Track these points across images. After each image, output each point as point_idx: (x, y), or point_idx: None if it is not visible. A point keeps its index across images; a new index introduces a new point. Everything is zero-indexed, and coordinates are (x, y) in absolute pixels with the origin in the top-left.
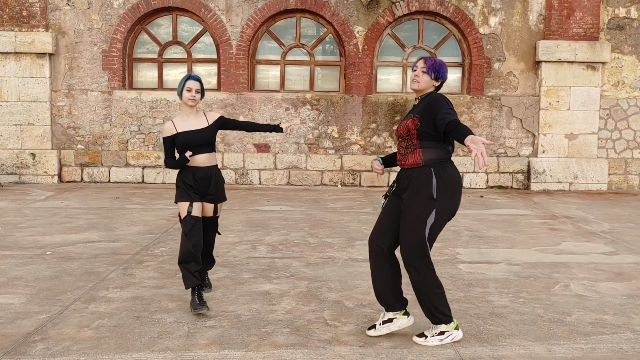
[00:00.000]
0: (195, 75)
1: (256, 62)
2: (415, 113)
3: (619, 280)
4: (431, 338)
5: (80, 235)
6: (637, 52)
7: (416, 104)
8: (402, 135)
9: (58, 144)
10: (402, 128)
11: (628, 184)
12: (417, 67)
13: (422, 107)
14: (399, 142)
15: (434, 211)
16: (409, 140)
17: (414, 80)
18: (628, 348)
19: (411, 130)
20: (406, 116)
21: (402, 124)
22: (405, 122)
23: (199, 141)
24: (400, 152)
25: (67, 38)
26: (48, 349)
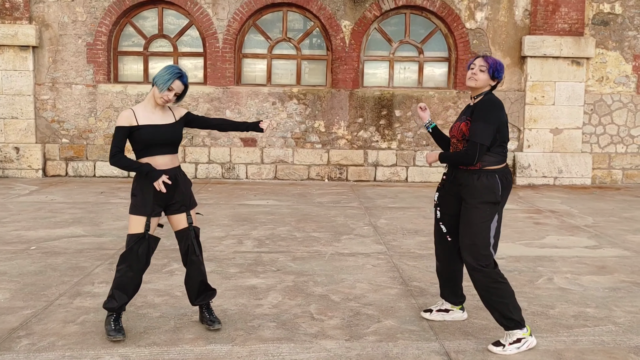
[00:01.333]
0: (186, 77)
1: (243, 55)
2: (469, 116)
3: (601, 274)
4: (509, 347)
5: (65, 230)
6: (621, 48)
7: (471, 104)
8: (457, 138)
9: (42, 137)
10: (455, 130)
11: (611, 178)
12: (475, 65)
13: (475, 109)
14: (454, 144)
15: (497, 215)
16: (465, 142)
17: (472, 78)
18: (609, 340)
19: (465, 134)
20: (460, 117)
21: (455, 126)
22: (459, 124)
23: (164, 139)
24: None
25: (51, 31)
26: (33, 344)
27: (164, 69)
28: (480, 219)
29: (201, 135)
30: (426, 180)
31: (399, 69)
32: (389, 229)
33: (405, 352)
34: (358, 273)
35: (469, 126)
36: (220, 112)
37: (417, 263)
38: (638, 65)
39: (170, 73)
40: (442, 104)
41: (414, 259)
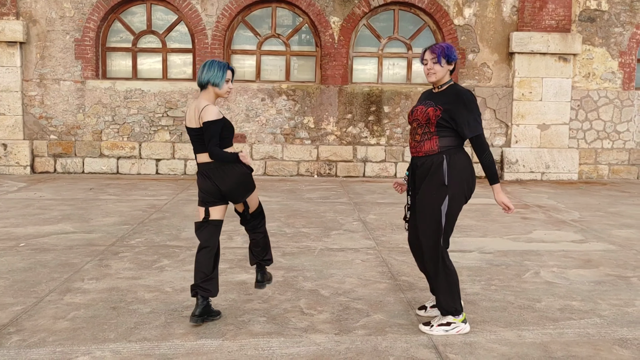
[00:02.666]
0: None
1: (232, 52)
2: (440, 104)
3: (587, 267)
4: (436, 327)
5: (55, 227)
6: (607, 44)
7: (436, 92)
8: (419, 122)
9: (30, 134)
10: (420, 114)
11: (598, 173)
12: (427, 59)
13: (449, 100)
14: (413, 128)
15: (447, 198)
16: (427, 127)
17: (430, 74)
18: (594, 332)
19: (431, 119)
20: (423, 102)
21: (419, 109)
22: (423, 108)
23: None
24: (415, 138)
25: (39, 26)
26: (23, 340)
27: (210, 68)
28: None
29: None
30: None
31: (387, 65)
32: (378, 225)
33: (394, 346)
34: (347, 268)
35: (437, 114)
36: None
37: (405, 258)
38: (624, 62)
39: (220, 69)
40: None
41: (402, 253)
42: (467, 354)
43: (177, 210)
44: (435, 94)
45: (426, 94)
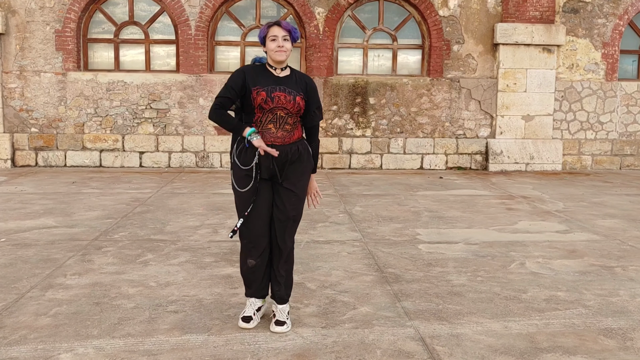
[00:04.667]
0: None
1: (216, 43)
2: (301, 92)
3: (571, 258)
4: (288, 320)
5: (36, 221)
6: (590, 36)
7: (283, 76)
8: (288, 111)
9: (10, 127)
10: (287, 103)
11: (581, 164)
12: (277, 36)
13: (304, 88)
14: (280, 117)
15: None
16: (296, 117)
17: (280, 52)
18: (580, 323)
19: (301, 109)
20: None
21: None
22: (288, 96)
23: None
24: (285, 128)
25: (18, 17)
26: (4, 338)
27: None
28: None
29: (174, 124)
30: (400, 167)
31: (373, 57)
32: (364, 217)
33: (381, 339)
34: (333, 260)
35: (304, 102)
36: (193, 100)
37: (392, 250)
38: (607, 53)
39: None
40: (416, 92)
41: (389, 245)
42: (454, 345)
43: (161, 204)
44: (282, 78)
45: (267, 76)
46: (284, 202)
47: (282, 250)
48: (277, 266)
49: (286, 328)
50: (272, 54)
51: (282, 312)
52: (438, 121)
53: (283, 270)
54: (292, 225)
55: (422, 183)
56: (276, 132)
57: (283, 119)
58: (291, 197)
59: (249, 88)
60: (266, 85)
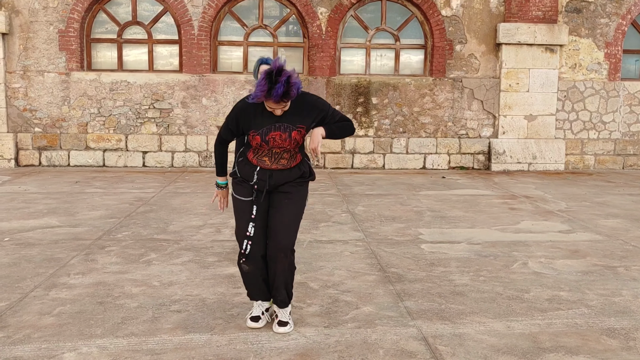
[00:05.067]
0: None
1: (219, 43)
2: (298, 123)
3: (574, 258)
4: (290, 321)
5: (40, 221)
6: (593, 35)
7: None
8: (285, 148)
9: (14, 127)
10: (284, 142)
11: (584, 164)
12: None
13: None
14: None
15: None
16: (294, 150)
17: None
18: (582, 323)
19: (299, 142)
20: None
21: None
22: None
23: None
24: (281, 162)
25: (22, 17)
26: (8, 337)
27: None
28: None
29: (177, 124)
30: (403, 167)
31: (375, 57)
32: (366, 216)
33: (384, 338)
34: (336, 260)
35: (302, 134)
36: (196, 100)
37: (394, 249)
38: (610, 53)
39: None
40: (419, 91)
41: (391, 245)
42: (457, 345)
43: (164, 203)
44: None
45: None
46: (279, 209)
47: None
48: (274, 274)
49: (289, 328)
50: (270, 108)
51: (284, 312)
52: (441, 121)
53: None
54: (286, 230)
55: (425, 183)
56: (270, 165)
57: (279, 155)
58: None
59: (245, 130)
60: (262, 127)
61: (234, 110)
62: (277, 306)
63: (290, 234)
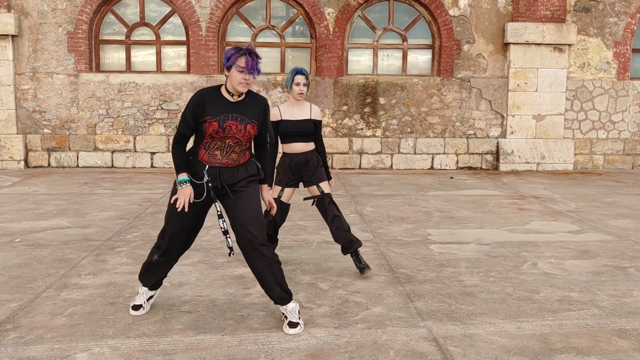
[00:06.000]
0: (302, 69)
1: (226, 44)
2: (253, 118)
3: (584, 258)
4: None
5: (50, 222)
6: (602, 34)
7: (237, 102)
8: (238, 140)
9: (23, 128)
10: (239, 133)
11: (593, 163)
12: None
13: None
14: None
15: None
16: (245, 145)
17: (245, 84)
18: (593, 324)
19: (252, 137)
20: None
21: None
22: (239, 125)
23: (298, 132)
24: (232, 157)
25: (31, 19)
26: (21, 337)
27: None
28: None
29: None
30: (411, 167)
31: (383, 57)
32: (375, 217)
33: (394, 339)
34: (345, 261)
35: (255, 129)
36: None
37: (403, 250)
38: (619, 52)
39: (290, 73)
40: (426, 91)
41: (400, 246)
42: (468, 346)
43: None
44: (236, 103)
45: (220, 102)
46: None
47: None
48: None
49: (299, 329)
50: (236, 84)
51: (293, 312)
52: (448, 121)
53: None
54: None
55: (433, 183)
56: (221, 159)
57: (231, 148)
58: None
59: (202, 118)
60: (218, 114)
61: (192, 100)
62: (279, 304)
63: (261, 227)
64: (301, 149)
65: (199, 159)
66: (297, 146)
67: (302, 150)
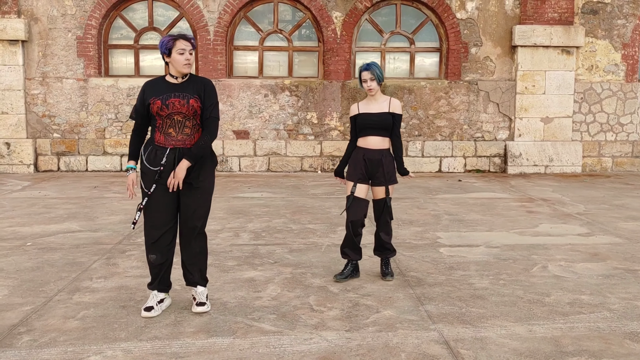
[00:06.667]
0: (368, 64)
1: (234, 48)
2: (195, 94)
3: (594, 261)
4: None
5: (61, 226)
6: (610, 37)
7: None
8: (184, 114)
9: (33, 132)
10: (184, 108)
11: (602, 166)
12: (185, 49)
13: (199, 89)
14: (178, 121)
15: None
16: (194, 119)
17: (188, 64)
18: (605, 327)
19: (197, 110)
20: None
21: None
22: (182, 101)
23: (373, 124)
24: (185, 132)
25: (40, 24)
26: (34, 340)
27: None
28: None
29: None
30: (419, 170)
31: (390, 60)
32: None
33: (405, 342)
34: None
35: (198, 104)
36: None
37: (413, 253)
38: (627, 54)
39: (358, 71)
40: (434, 94)
41: (409, 249)
42: (479, 349)
43: None
44: (179, 84)
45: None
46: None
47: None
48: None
49: (207, 308)
50: (180, 66)
51: (202, 294)
52: (456, 124)
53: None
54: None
55: (441, 186)
56: (177, 136)
57: (181, 123)
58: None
59: (147, 100)
60: (161, 94)
61: (141, 88)
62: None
63: (204, 215)
64: (377, 145)
65: (156, 144)
66: (373, 140)
67: (377, 147)
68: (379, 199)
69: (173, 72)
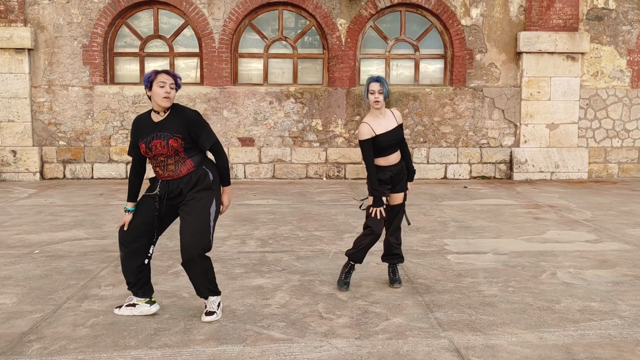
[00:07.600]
0: (378, 77)
1: (239, 55)
2: (175, 132)
3: (603, 268)
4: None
5: (68, 233)
6: (615, 43)
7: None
8: (166, 155)
9: (39, 140)
10: (165, 149)
11: (608, 172)
12: (166, 83)
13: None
14: (160, 161)
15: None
16: (176, 156)
17: (167, 99)
18: (616, 334)
19: (178, 148)
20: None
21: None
22: (162, 142)
23: (393, 142)
24: (169, 169)
25: (47, 33)
26: (45, 348)
27: None
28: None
29: None
30: (424, 177)
31: (395, 67)
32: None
33: (416, 349)
34: (363, 271)
35: (179, 143)
36: (217, 112)
37: (421, 260)
38: (632, 60)
39: (366, 83)
40: (439, 101)
41: (417, 256)
42: (490, 356)
43: None
44: (159, 123)
45: (148, 124)
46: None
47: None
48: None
49: (215, 317)
50: (159, 99)
51: (213, 303)
52: (461, 130)
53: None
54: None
55: (447, 193)
56: (163, 174)
57: (164, 162)
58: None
59: (137, 142)
60: (145, 136)
61: (131, 126)
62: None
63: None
64: (397, 159)
65: (155, 175)
66: (394, 157)
67: (397, 160)
68: (396, 204)
69: (154, 106)
